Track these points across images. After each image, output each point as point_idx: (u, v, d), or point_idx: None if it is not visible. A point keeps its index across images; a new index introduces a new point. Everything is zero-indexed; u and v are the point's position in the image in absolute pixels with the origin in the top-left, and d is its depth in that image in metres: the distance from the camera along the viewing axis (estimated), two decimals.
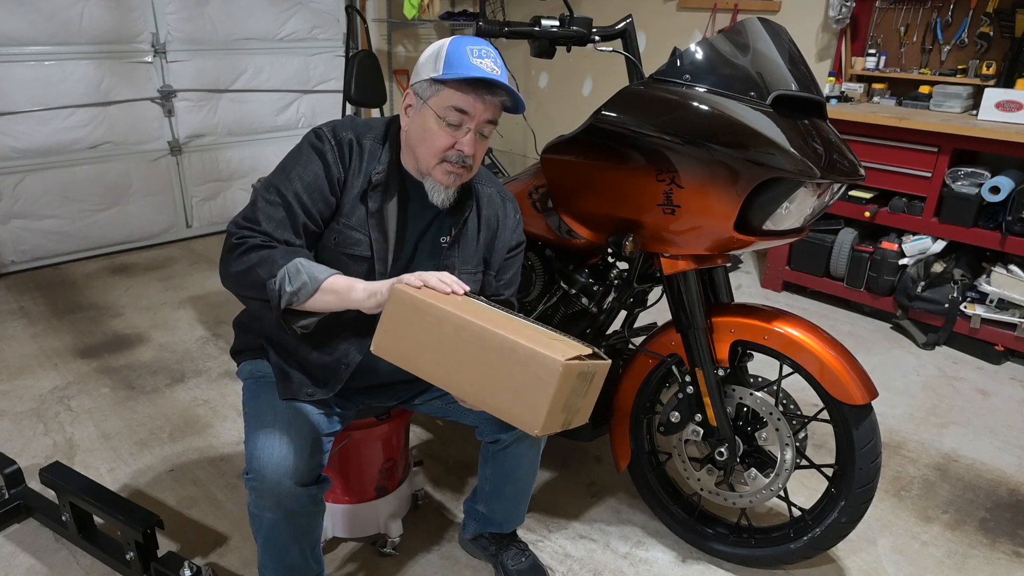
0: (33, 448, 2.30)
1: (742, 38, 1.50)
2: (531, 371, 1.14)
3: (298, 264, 1.30)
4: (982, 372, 2.96)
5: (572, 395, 1.18)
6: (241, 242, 1.33)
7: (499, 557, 1.78)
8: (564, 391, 1.15)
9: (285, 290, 1.29)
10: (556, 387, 1.12)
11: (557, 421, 1.19)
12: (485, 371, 1.18)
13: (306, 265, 1.31)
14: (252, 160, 4.52)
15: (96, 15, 3.73)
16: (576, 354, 1.16)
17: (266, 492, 1.33)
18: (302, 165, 1.40)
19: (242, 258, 1.33)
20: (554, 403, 1.14)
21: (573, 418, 1.24)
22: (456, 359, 1.20)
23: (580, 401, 1.23)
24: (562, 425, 1.22)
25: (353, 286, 1.30)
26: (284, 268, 1.29)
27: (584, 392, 1.22)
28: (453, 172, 1.39)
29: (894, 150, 3.15)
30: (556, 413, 1.17)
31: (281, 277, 1.29)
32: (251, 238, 1.34)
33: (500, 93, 1.36)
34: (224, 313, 3.32)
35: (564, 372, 1.11)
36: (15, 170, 3.69)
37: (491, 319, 1.21)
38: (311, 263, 1.32)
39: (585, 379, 1.20)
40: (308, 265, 1.31)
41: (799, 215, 1.54)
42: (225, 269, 1.36)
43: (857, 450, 1.60)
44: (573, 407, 1.22)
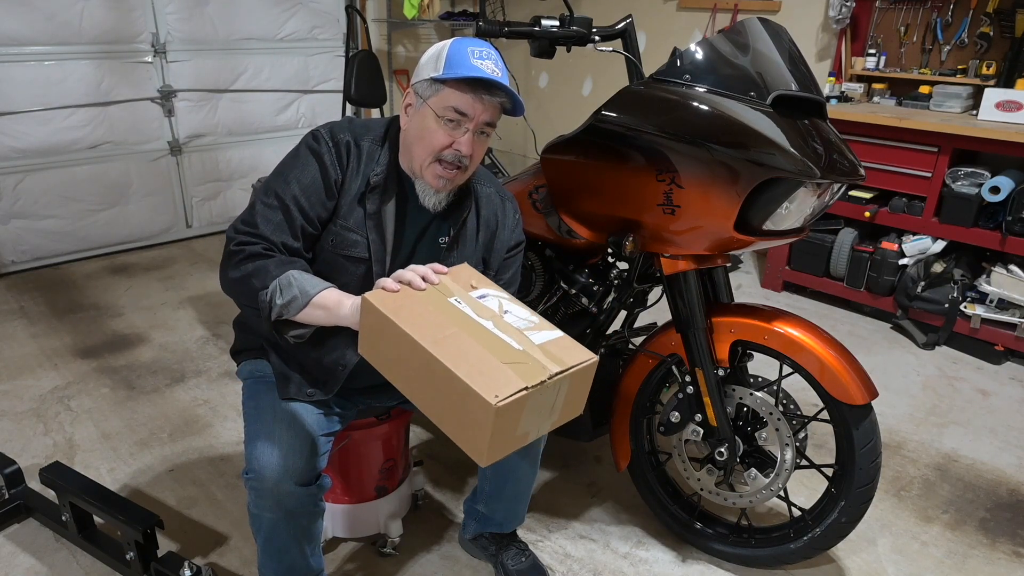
0: (33, 448, 2.30)
1: (742, 38, 1.50)
2: (469, 406, 1.09)
3: (290, 277, 1.30)
4: (982, 372, 2.96)
5: (528, 417, 1.14)
6: (239, 249, 1.34)
7: (499, 557, 1.78)
8: (507, 425, 1.10)
9: (275, 302, 1.29)
10: (492, 427, 1.07)
11: (511, 444, 1.16)
12: (437, 395, 1.15)
13: (298, 278, 1.30)
14: (252, 160, 4.52)
15: (96, 15, 3.73)
16: (523, 385, 1.09)
17: (266, 492, 1.33)
18: (299, 168, 1.40)
19: (239, 266, 1.33)
20: (495, 438, 1.10)
21: (544, 425, 1.21)
22: (416, 376, 1.18)
23: (551, 411, 1.19)
24: (525, 440, 1.19)
25: (341, 302, 1.29)
26: (276, 280, 1.30)
27: (554, 403, 1.18)
28: (443, 176, 1.38)
29: (894, 150, 3.15)
30: (506, 442, 1.14)
31: (272, 289, 1.29)
32: (249, 245, 1.34)
33: (499, 94, 1.36)
34: (224, 313, 3.32)
35: (499, 412, 1.06)
36: (15, 170, 3.69)
37: (448, 337, 1.16)
38: (304, 276, 1.32)
39: (549, 394, 1.15)
40: (301, 278, 1.31)
41: (799, 215, 1.54)
42: (223, 275, 1.37)
43: (857, 450, 1.60)
44: (537, 422, 1.18)
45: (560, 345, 1.22)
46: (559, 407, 1.21)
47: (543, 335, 1.23)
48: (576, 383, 1.20)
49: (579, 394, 1.24)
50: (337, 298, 1.30)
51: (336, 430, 1.51)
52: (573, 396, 1.22)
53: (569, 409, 1.24)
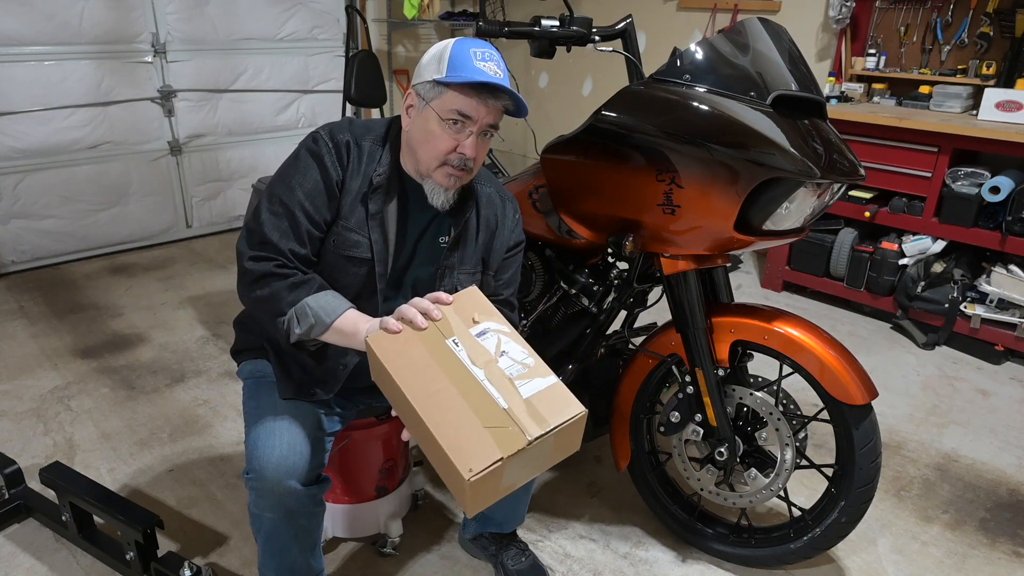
0: (33, 448, 2.30)
1: (742, 38, 1.50)
2: (450, 469, 1.12)
3: (305, 307, 1.34)
4: (982, 372, 2.96)
5: (511, 473, 1.14)
6: (252, 268, 1.37)
7: (499, 557, 1.78)
8: (486, 488, 1.12)
9: (294, 331, 1.35)
10: (471, 492, 1.10)
11: (496, 496, 1.18)
12: (427, 444, 1.18)
13: (314, 307, 1.34)
14: (252, 160, 4.52)
15: (96, 15, 3.73)
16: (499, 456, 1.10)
17: (266, 492, 1.33)
18: (301, 173, 1.40)
19: (253, 288, 1.37)
20: (476, 499, 1.12)
21: (534, 472, 1.22)
22: (410, 420, 1.22)
23: (537, 463, 1.19)
24: (512, 488, 1.20)
25: (357, 329, 1.33)
26: (292, 310, 1.34)
27: (538, 457, 1.17)
28: (454, 175, 1.40)
29: (894, 150, 3.15)
30: (488, 497, 1.15)
31: (289, 318, 1.35)
32: (261, 262, 1.37)
33: (503, 97, 1.36)
34: (224, 313, 3.32)
35: (473, 485, 1.09)
36: (15, 170, 3.69)
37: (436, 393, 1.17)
38: (319, 301, 1.35)
39: (530, 454, 1.14)
40: (316, 306, 1.34)
41: (799, 215, 1.54)
42: (240, 292, 1.41)
43: (857, 450, 1.60)
44: (522, 473, 1.18)
45: (549, 398, 1.20)
46: (546, 458, 1.22)
47: (534, 385, 1.21)
48: (564, 436, 1.20)
49: (570, 440, 1.23)
50: (353, 326, 1.34)
51: (336, 430, 1.51)
52: (563, 443, 1.22)
53: (561, 453, 1.24)
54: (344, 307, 1.36)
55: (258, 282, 1.37)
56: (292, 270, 1.38)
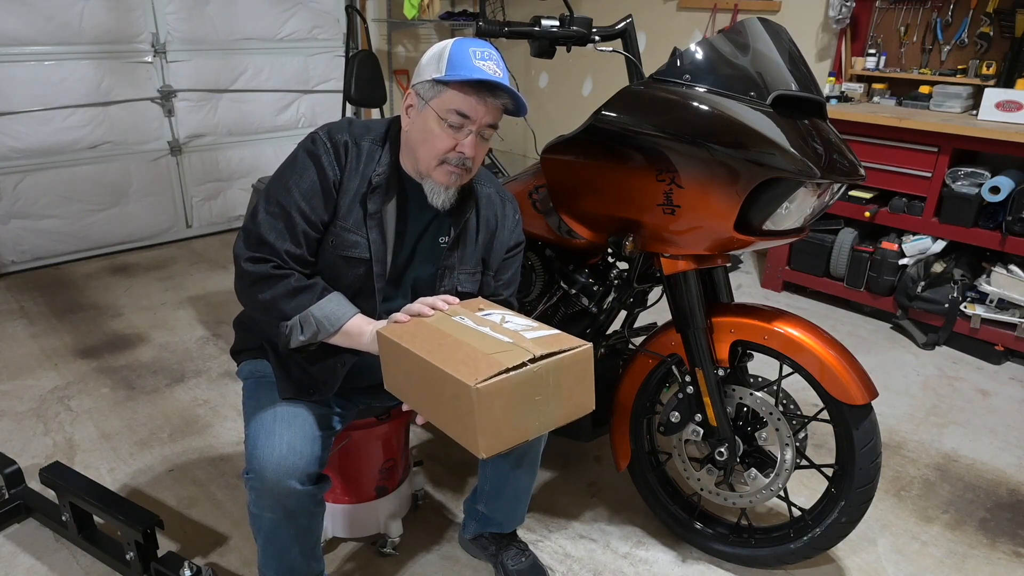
0: (33, 448, 2.30)
1: (742, 38, 1.50)
2: (459, 398, 1.12)
3: (309, 316, 1.36)
4: (982, 372, 2.96)
5: (521, 406, 1.14)
6: (250, 271, 1.37)
7: (499, 557, 1.78)
8: (495, 410, 1.11)
9: (295, 337, 1.37)
10: (478, 411, 1.09)
11: (509, 436, 1.16)
12: (438, 399, 1.19)
13: (318, 315, 1.36)
14: (252, 160, 4.53)
15: (96, 15, 3.73)
16: (504, 367, 1.11)
17: (266, 492, 1.33)
18: (298, 173, 1.40)
19: (252, 291, 1.38)
20: (486, 425, 1.11)
21: (547, 419, 1.21)
22: (423, 388, 1.23)
23: (548, 403, 1.19)
24: (525, 434, 1.18)
25: (362, 332, 1.37)
26: (297, 319, 1.36)
27: (548, 392, 1.18)
28: (453, 173, 1.40)
29: (894, 150, 3.15)
30: (500, 431, 1.14)
31: (292, 325, 1.37)
32: (259, 264, 1.37)
33: (502, 96, 1.36)
34: (224, 313, 3.33)
35: (479, 396, 1.08)
36: (15, 170, 3.69)
37: (443, 344, 1.20)
38: (323, 308, 1.37)
39: (539, 382, 1.15)
40: (321, 314, 1.36)
41: (799, 215, 1.54)
42: (239, 293, 1.42)
43: (857, 450, 1.60)
44: (534, 415, 1.18)
45: (554, 338, 1.24)
46: (558, 399, 1.21)
47: (539, 332, 1.26)
48: (571, 372, 1.21)
49: (581, 386, 1.24)
50: (358, 329, 1.37)
51: (336, 430, 1.51)
52: (574, 388, 1.23)
53: (575, 403, 1.24)
54: (349, 314, 1.38)
55: (257, 284, 1.37)
56: (289, 271, 1.38)
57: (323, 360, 1.47)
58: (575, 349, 1.21)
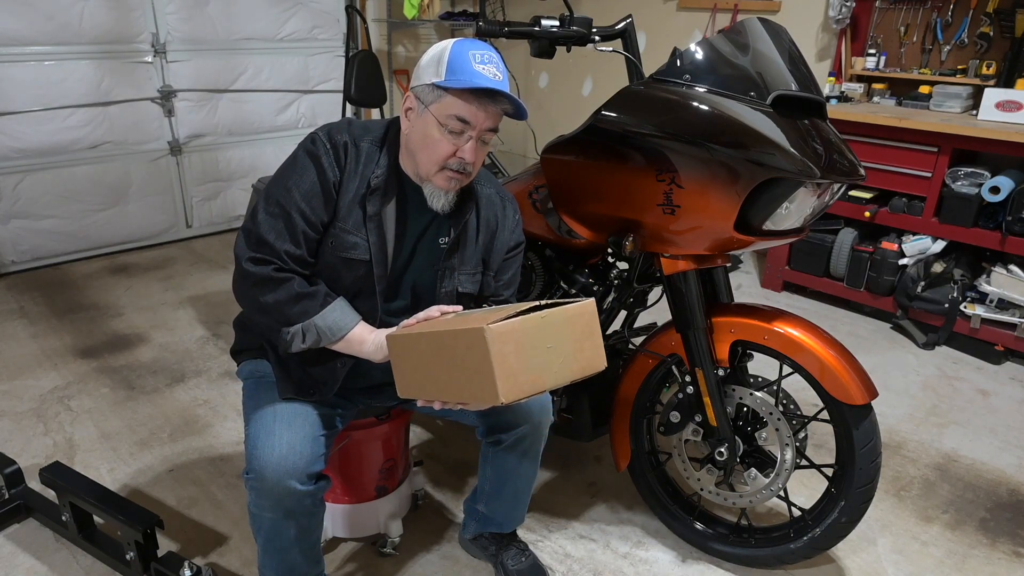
0: (33, 448, 2.30)
1: (742, 38, 1.50)
2: (471, 350, 1.16)
3: (312, 325, 1.37)
4: (982, 372, 2.96)
5: (532, 351, 1.18)
6: (250, 272, 1.37)
7: (499, 557, 1.78)
8: (509, 352, 1.15)
9: (296, 343, 1.39)
10: (493, 352, 1.13)
11: (528, 384, 1.19)
12: (454, 370, 1.22)
13: (321, 326, 1.38)
14: (252, 160, 4.53)
15: (96, 15, 3.73)
16: (511, 312, 1.17)
17: (266, 492, 1.33)
18: (298, 174, 1.40)
19: (256, 292, 1.38)
20: (502, 368, 1.14)
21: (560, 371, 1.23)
22: (438, 369, 1.25)
23: (560, 353, 1.22)
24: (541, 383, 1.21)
25: (363, 340, 1.39)
26: (300, 326, 1.37)
27: (558, 342, 1.22)
28: (453, 178, 1.40)
29: (894, 150, 3.15)
30: (518, 376, 1.17)
31: (294, 332, 1.38)
32: (260, 265, 1.37)
33: (502, 101, 1.35)
34: (224, 313, 3.32)
35: (492, 336, 1.12)
36: (15, 170, 3.69)
37: (451, 322, 1.26)
38: (326, 319, 1.38)
39: (545, 330, 1.20)
40: (323, 324, 1.38)
41: (799, 215, 1.54)
42: (239, 293, 1.42)
43: (857, 450, 1.60)
44: (547, 364, 1.21)
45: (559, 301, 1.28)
46: (568, 350, 1.23)
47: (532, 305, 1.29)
48: (577, 324, 1.24)
49: (589, 341, 1.26)
50: (359, 339, 1.40)
51: (336, 430, 1.51)
52: (583, 342, 1.25)
53: (585, 358, 1.26)
54: (352, 323, 1.40)
55: (259, 286, 1.37)
56: (291, 274, 1.38)
57: (323, 360, 1.47)
58: (578, 302, 1.26)
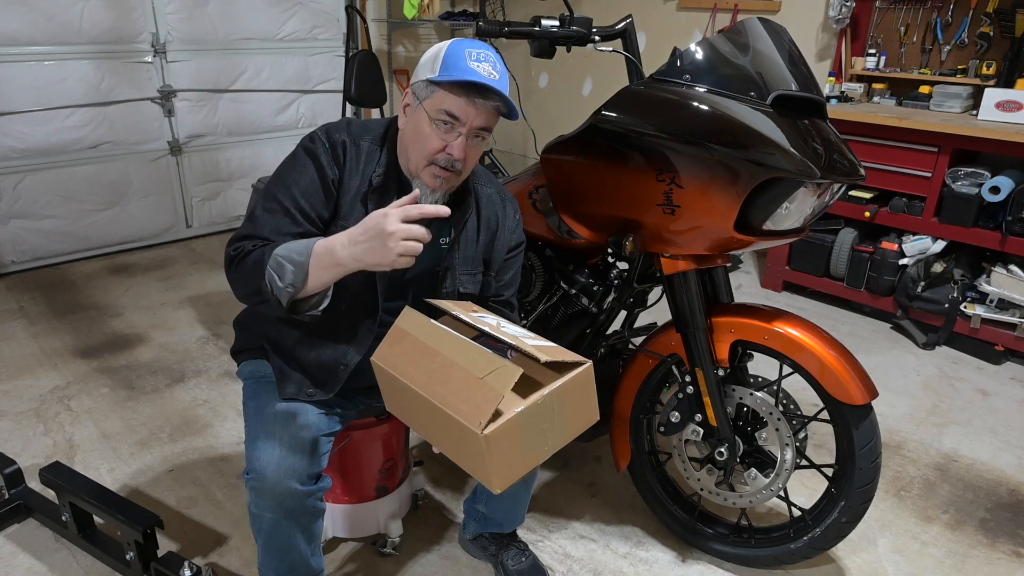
0: (33, 448, 2.30)
1: (742, 38, 1.50)
2: (466, 439, 1.11)
3: (276, 258, 1.29)
4: (982, 372, 2.96)
5: (528, 438, 1.14)
6: (236, 254, 1.35)
7: (499, 557, 1.78)
8: (505, 450, 1.11)
9: (278, 286, 1.29)
10: (489, 453, 1.09)
11: (522, 467, 1.16)
12: (447, 436, 1.18)
13: (283, 253, 1.29)
14: (252, 160, 4.52)
15: (96, 15, 3.72)
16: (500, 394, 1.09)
17: (266, 492, 1.33)
18: (297, 171, 1.40)
19: (238, 269, 1.35)
20: (498, 465, 1.11)
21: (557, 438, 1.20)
22: (426, 419, 1.21)
23: (555, 427, 1.18)
24: (539, 458, 1.18)
25: (332, 248, 1.27)
26: (268, 269, 1.29)
27: (555, 416, 1.17)
28: (440, 176, 1.38)
29: (894, 150, 3.15)
30: (512, 466, 1.13)
31: (269, 278, 1.29)
32: (244, 246, 1.35)
33: (494, 98, 1.34)
34: (224, 313, 3.32)
35: (488, 440, 1.07)
36: (15, 170, 3.69)
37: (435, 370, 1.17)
38: (286, 247, 1.30)
39: (544, 413, 1.14)
40: (284, 252, 1.29)
41: (799, 215, 1.54)
42: (232, 286, 1.39)
43: (857, 450, 1.60)
44: (542, 441, 1.17)
45: (551, 349, 1.20)
46: (564, 420, 1.19)
47: (538, 341, 1.23)
48: (574, 394, 1.19)
49: (584, 403, 1.22)
50: (327, 251, 1.27)
51: (336, 430, 1.51)
52: (579, 407, 1.21)
53: (580, 419, 1.23)
54: (312, 241, 1.30)
55: (240, 263, 1.34)
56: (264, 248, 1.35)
57: (324, 360, 1.47)
58: (576, 372, 1.18)
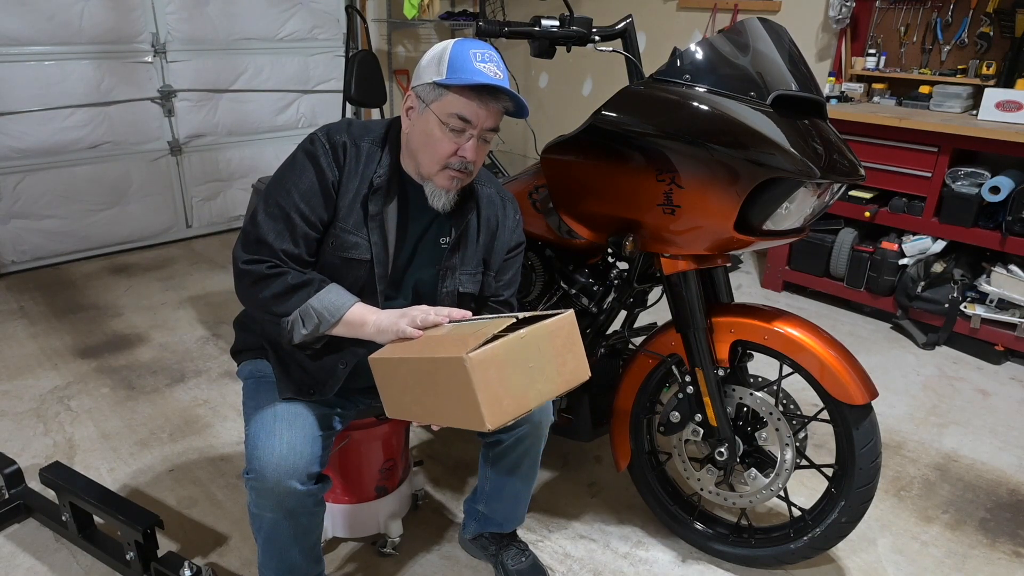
0: (33, 448, 2.30)
1: (742, 38, 1.50)
2: (453, 378, 1.15)
3: (309, 308, 1.36)
4: (982, 372, 2.96)
5: (515, 373, 1.17)
6: (247, 270, 1.37)
7: (499, 557, 1.78)
8: (491, 379, 1.14)
9: (298, 331, 1.37)
10: (476, 380, 1.12)
11: (512, 406, 1.18)
12: (439, 392, 1.21)
13: (318, 307, 1.36)
14: (252, 160, 4.52)
15: (96, 15, 3.73)
16: (490, 335, 1.15)
17: (266, 492, 1.33)
18: (297, 174, 1.40)
19: (253, 290, 1.37)
20: (486, 394, 1.14)
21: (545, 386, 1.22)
22: (423, 393, 1.25)
23: (543, 370, 1.21)
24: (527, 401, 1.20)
25: (365, 320, 1.36)
26: (297, 312, 1.35)
27: (540, 357, 1.20)
28: (455, 177, 1.40)
29: (894, 150, 3.15)
30: (502, 400, 1.16)
31: (293, 320, 1.36)
32: (255, 264, 1.37)
33: (503, 99, 1.36)
34: (224, 313, 3.32)
35: (472, 365, 1.11)
36: (15, 170, 3.69)
37: (431, 344, 1.24)
38: (322, 300, 1.36)
39: (526, 349, 1.18)
40: (320, 306, 1.36)
41: (799, 215, 1.54)
42: (239, 294, 1.42)
43: (857, 450, 1.60)
44: (531, 383, 1.20)
45: (535, 313, 1.27)
46: (551, 365, 1.22)
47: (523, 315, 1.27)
48: (558, 338, 1.23)
49: (571, 353, 1.26)
50: (360, 318, 1.36)
51: (336, 430, 1.51)
52: (565, 355, 1.24)
53: (569, 370, 1.26)
54: (349, 303, 1.37)
55: (257, 284, 1.37)
56: (286, 268, 1.38)
57: (324, 360, 1.47)
58: (558, 315, 1.24)
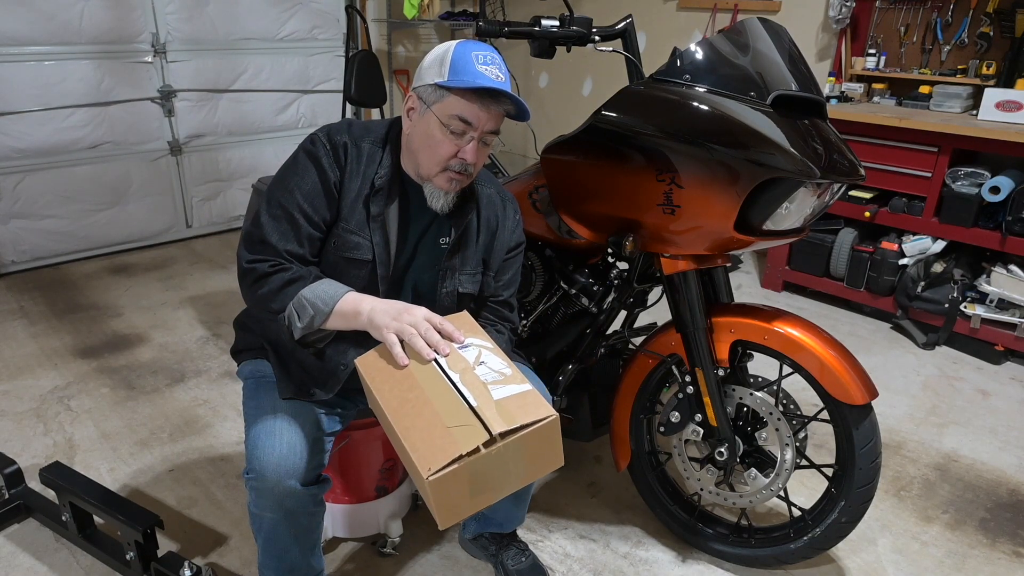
0: (33, 448, 2.30)
1: (742, 38, 1.50)
2: (416, 472, 1.10)
3: (302, 299, 1.34)
4: (982, 372, 2.96)
5: (479, 484, 1.12)
6: (250, 269, 1.38)
7: (499, 557, 1.78)
8: (452, 493, 1.09)
9: (296, 325, 1.35)
10: (433, 495, 1.08)
11: (469, 509, 1.14)
12: (404, 456, 1.17)
13: (310, 297, 1.34)
14: (252, 160, 4.52)
15: (96, 15, 3.72)
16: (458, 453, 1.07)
17: (266, 492, 1.33)
18: (299, 174, 1.40)
19: (255, 287, 1.38)
20: (441, 505, 1.10)
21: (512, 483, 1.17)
22: (391, 434, 1.22)
23: (511, 473, 1.15)
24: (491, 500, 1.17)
25: (359, 310, 1.33)
26: (291, 304, 1.34)
27: (509, 464, 1.13)
28: (455, 179, 1.40)
29: (894, 150, 3.15)
30: (456, 508, 1.12)
31: (289, 314, 1.35)
32: (260, 263, 1.37)
33: (505, 102, 1.36)
34: (224, 313, 3.32)
35: (434, 485, 1.06)
36: (15, 170, 3.68)
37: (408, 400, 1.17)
38: (315, 290, 1.35)
39: (498, 461, 1.11)
40: (312, 295, 1.34)
41: (799, 215, 1.54)
42: (243, 292, 1.42)
43: (857, 450, 1.60)
44: (493, 487, 1.15)
45: (520, 401, 1.16)
46: (521, 466, 1.17)
47: (507, 390, 1.18)
48: (536, 443, 1.15)
49: (548, 449, 1.19)
50: (354, 307, 1.34)
51: (336, 430, 1.51)
52: (540, 454, 1.18)
53: (541, 463, 1.20)
54: (341, 292, 1.35)
55: (257, 282, 1.37)
56: (287, 267, 1.38)
57: (324, 360, 1.47)
58: (539, 423, 1.13)
